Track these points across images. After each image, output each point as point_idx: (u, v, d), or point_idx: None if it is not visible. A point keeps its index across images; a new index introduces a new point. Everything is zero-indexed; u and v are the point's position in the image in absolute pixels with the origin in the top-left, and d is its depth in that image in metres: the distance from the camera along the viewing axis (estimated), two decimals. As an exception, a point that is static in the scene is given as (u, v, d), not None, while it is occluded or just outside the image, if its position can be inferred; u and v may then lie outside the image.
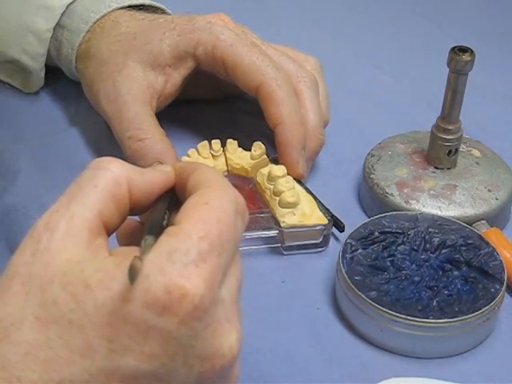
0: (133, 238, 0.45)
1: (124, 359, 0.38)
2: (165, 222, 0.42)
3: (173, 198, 0.45)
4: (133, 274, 0.37)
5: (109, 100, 0.66)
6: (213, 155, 0.66)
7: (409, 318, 0.53)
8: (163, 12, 0.74)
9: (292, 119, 0.64)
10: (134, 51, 0.67)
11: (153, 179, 0.44)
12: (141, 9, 0.73)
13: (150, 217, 0.43)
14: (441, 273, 0.57)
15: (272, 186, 0.62)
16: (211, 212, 0.41)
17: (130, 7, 0.72)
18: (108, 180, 0.42)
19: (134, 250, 0.40)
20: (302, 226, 0.61)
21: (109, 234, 0.43)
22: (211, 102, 0.75)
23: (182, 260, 0.38)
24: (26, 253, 0.40)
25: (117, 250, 0.41)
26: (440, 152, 0.65)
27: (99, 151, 0.70)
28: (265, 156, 0.65)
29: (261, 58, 0.65)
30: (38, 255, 0.40)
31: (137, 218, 0.46)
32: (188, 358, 0.39)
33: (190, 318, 0.38)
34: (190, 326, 0.38)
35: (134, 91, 0.65)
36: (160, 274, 0.38)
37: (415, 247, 0.58)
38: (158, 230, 0.41)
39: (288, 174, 0.63)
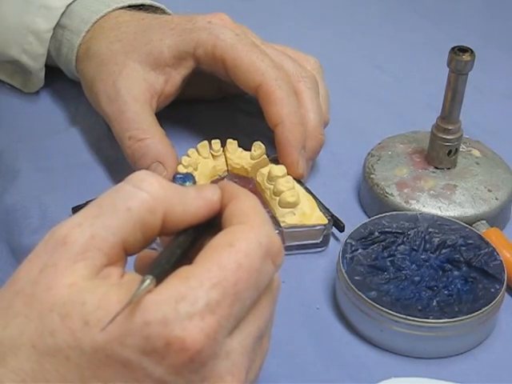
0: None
1: None
2: (174, 260, 0.40)
3: (199, 233, 0.43)
4: (111, 320, 0.36)
5: (109, 100, 0.66)
6: (213, 155, 0.66)
7: (409, 317, 0.53)
8: (163, 12, 0.74)
9: (292, 119, 0.64)
10: (134, 51, 0.67)
11: (194, 211, 0.42)
12: (141, 9, 0.73)
13: (160, 253, 0.41)
14: (441, 273, 0.57)
15: (272, 186, 0.62)
16: (232, 256, 0.39)
17: (130, 7, 0.72)
18: (143, 205, 0.40)
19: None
20: (301, 226, 0.61)
21: (128, 255, 0.42)
22: (211, 102, 0.75)
23: (187, 310, 0.37)
24: (36, 266, 0.39)
25: (128, 276, 0.40)
26: (440, 152, 0.65)
27: (99, 151, 0.70)
28: (265, 156, 0.65)
29: (261, 57, 0.65)
30: (45, 272, 0.39)
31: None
32: None
33: (187, 370, 0.38)
34: (186, 378, 0.38)
35: (134, 91, 0.65)
36: (162, 324, 0.37)
37: (415, 247, 0.58)
38: (163, 270, 0.39)
39: (288, 174, 0.63)
